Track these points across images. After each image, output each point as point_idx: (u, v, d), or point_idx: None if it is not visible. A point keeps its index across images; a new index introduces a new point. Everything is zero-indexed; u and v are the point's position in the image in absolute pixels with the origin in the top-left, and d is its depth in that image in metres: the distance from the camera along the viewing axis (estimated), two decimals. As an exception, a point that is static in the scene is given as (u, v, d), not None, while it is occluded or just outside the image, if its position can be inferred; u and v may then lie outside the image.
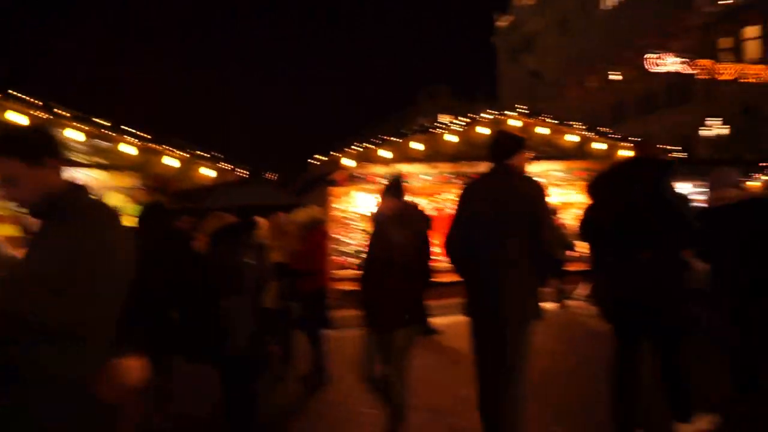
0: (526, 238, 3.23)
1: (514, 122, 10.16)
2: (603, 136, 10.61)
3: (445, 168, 10.93)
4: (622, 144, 10.76)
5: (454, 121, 9.74)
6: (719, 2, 30.08)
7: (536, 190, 3.29)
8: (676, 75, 30.51)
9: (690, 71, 16.16)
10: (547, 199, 3.29)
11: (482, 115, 9.93)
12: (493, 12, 49.21)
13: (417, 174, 10.98)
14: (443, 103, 43.37)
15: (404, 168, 10.59)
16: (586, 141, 10.56)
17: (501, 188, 3.35)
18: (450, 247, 3.53)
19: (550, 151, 10.54)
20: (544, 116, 10.30)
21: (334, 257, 10.59)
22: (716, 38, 30.30)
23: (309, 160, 9.00)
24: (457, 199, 3.58)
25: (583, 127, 10.41)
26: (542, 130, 10.22)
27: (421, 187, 11.43)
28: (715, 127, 21.39)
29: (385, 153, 9.39)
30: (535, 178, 3.32)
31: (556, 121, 10.30)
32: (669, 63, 15.86)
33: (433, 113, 33.68)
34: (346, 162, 9.17)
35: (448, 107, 37.78)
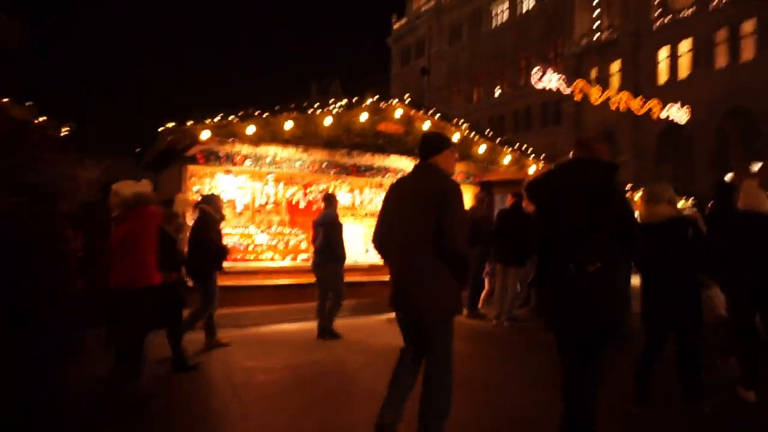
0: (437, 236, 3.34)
1: (398, 111, 9.25)
2: (485, 138, 10.00)
3: (319, 155, 9.79)
4: (503, 149, 10.22)
5: (333, 104, 8.61)
6: (593, 38, 31.89)
7: (446, 188, 3.40)
8: (550, 95, 32.08)
9: (567, 90, 16.37)
10: (458, 198, 3.38)
11: (365, 101, 8.90)
12: (392, 14, 48.79)
13: (288, 159, 9.74)
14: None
15: (273, 150, 9.33)
16: (468, 142, 9.89)
17: (420, 185, 3.52)
18: (376, 243, 3.91)
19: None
20: (430, 111, 9.49)
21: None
22: (588, 68, 32.06)
23: (159, 129, 7.43)
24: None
25: (467, 127, 9.72)
26: (426, 125, 9.39)
27: (291, 174, 10.20)
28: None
29: (251, 129, 8.05)
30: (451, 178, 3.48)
31: (441, 118, 9.52)
32: (551, 80, 15.92)
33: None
34: (205, 135, 7.72)
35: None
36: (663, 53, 29.49)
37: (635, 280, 5.41)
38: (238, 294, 9.09)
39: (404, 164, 10.82)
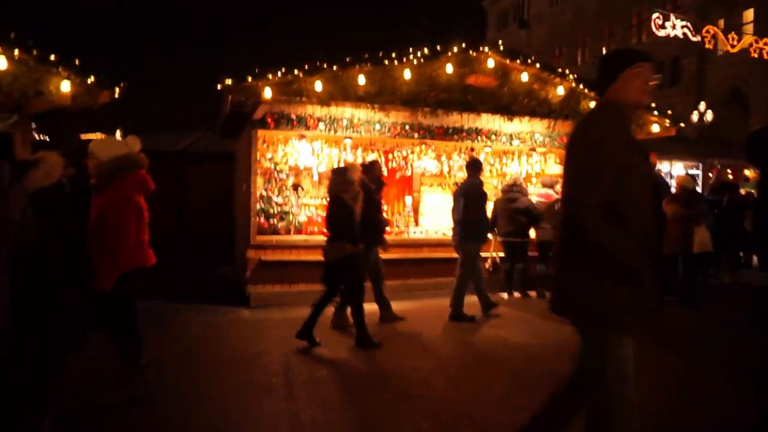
0: None
1: (491, 62, 7.75)
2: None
3: (401, 116, 8.52)
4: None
5: (413, 53, 7.27)
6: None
7: (572, 136, 2.63)
8: (666, 52, 28.46)
9: (696, 38, 13.88)
10: (583, 148, 2.43)
11: (452, 49, 7.47)
12: (488, -24, 45.90)
13: (366, 122, 8.56)
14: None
15: (348, 112, 8.20)
16: (576, 96, 8.21)
17: None
18: None
19: (532, 105, 8.18)
20: (529, 60, 7.88)
21: (259, 219, 8.28)
22: (714, 20, 28.02)
23: (218, 87, 6.49)
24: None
25: (574, 78, 8.02)
26: (524, 77, 7.82)
27: (371, 139, 9.02)
28: (704, 112, 19.27)
29: (319, 85, 6.94)
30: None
31: (543, 67, 7.90)
32: (675, 25, 13.50)
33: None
34: (268, 93, 6.71)
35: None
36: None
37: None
38: (312, 270, 8.15)
39: (499, 125, 9.31)
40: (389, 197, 10.17)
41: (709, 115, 19.26)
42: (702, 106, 19.78)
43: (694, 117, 19.07)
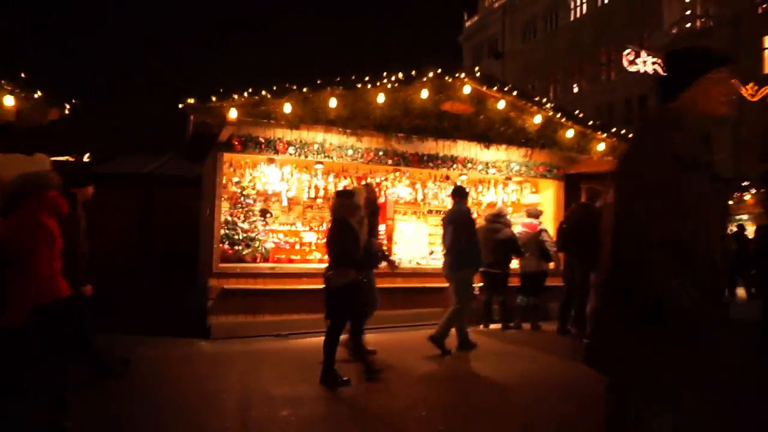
0: None
1: (467, 88, 7.53)
2: (574, 121, 8.07)
3: (374, 142, 8.23)
4: (595, 134, 8.25)
5: (387, 77, 7.01)
6: (685, 26, 28.58)
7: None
8: (633, 90, 29.01)
9: (663, 73, 14.04)
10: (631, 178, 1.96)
11: (427, 74, 7.23)
12: (464, 11, 46.71)
13: (339, 147, 8.23)
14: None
15: (320, 137, 7.88)
16: (554, 125, 8.02)
17: None
18: None
19: (509, 134, 7.95)
20: (506, 87, 7.67)
21: (223, 246, 7.81)
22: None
23: (180, 106, 6.09)
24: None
25: (551, 107, 7.84)
26: (500, 104, 7.61)
27: (343, 165, 8.70)
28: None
29: (288, 108, 6.59)
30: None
31: (520, 95, 7.70)
32: (645, 62, 13.62)
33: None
34: (233, 114, 6.34)
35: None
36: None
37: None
38: (279, 299, 7.71)
39: (474, 152, 9.07)
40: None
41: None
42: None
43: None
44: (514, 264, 8.48)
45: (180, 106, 6.08)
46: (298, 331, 7.68)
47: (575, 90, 36.94)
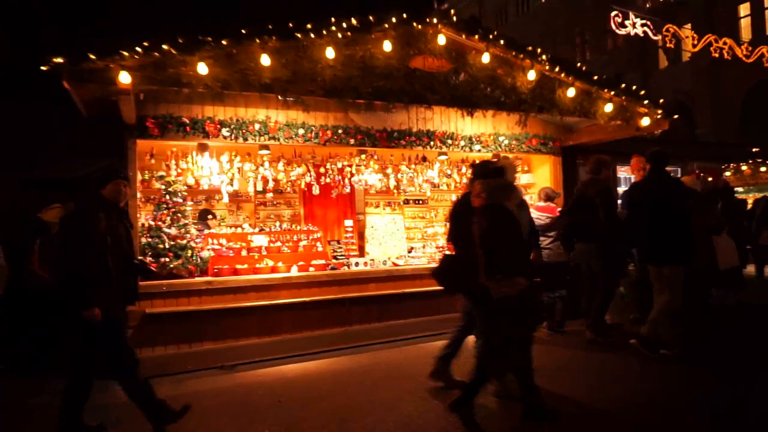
0: None
1: (441, 38, 5.72)
2: (576, 75, 6.29)
3: (330, 118, 6.49)
4: (601, 92, 6.51)
5: (337, 25, 5.18)
6: (659, 1, 27.13)
7: None
8: (609, 67, 27.49)
9: (656, 37, 12.49)
10: None
11: (389, 20, 5.41)
12: (433, -1, 44.92)
13: (287, 125, 6.45)
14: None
15: (262, 114, 6.12)
16: (550, 83, 6.25)
17: None
18: None
19: (496, 95, 6.19)
20: (491, 35, 5.85)
21: (145, 258, 5.95)
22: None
23: (43, 68, 4.22)
24: None
25: (547, 59, 6.06)
26: (485, 58, 5.82)
27: (296, 148, 6.91)
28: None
29: (203, 68, 4.75)
30: None
31: (508, 45, 5.90)
32: (634, 24, 12.04)
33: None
34: (125, 78, 4.48)
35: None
36: (744, 9, 24.56)
37: None
38: (221, 322, 5.89)
39: (455, 125, 7.31)
40: (325, 221, 8.01)
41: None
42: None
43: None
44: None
45: (43, 68, 4.20)
46: (246, 360, 5.88)
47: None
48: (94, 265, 3.60)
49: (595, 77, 6.32)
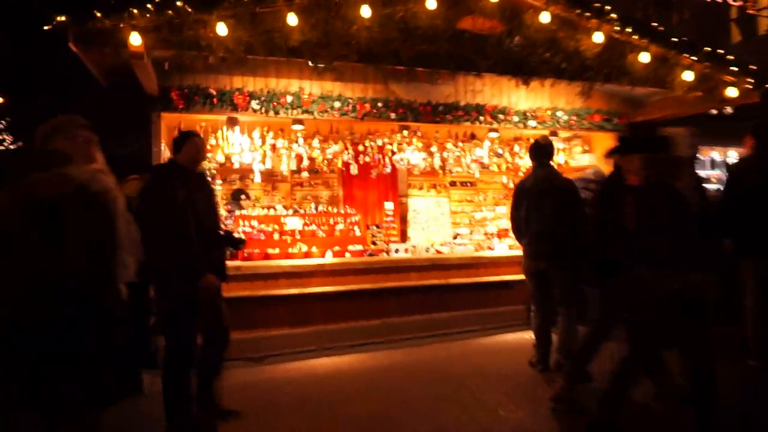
0: None
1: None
2: (650, 39, 5.38)
3: (369, 90, 5.88)
4: (680, 57, 5.59)
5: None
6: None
7: None
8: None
9: (733, 2, 11.17)
10: None
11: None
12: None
13: (321, 98, 5.89)
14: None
15: (295, 85, 5.58)
16: (620, 47, 5.39)
17: None
18: None
19: (556, 61, 5.39)
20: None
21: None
22: None
23: (46, 27, 3.77)
24: None
25: (617, 20, 5.19)
26: (544, 17, 5.02)
27: (331, 123, 6.34)
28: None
29: (223, 28, 4.19)
30: None
31: (571, 3, 5.08)
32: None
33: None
34: (136, 39, 3.98)
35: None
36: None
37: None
38: (249, 309, 5.42)
39: (507, 99, 6.54)
40: (364, 202, 7.42)
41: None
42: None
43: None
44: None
45: (45, 27, 3.75)
46: (275, 352, 5.40)
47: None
48: (179, 240, 3.21)
49: (675, 39, 5.39)
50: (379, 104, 6.01)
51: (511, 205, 4.77)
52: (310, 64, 4.99)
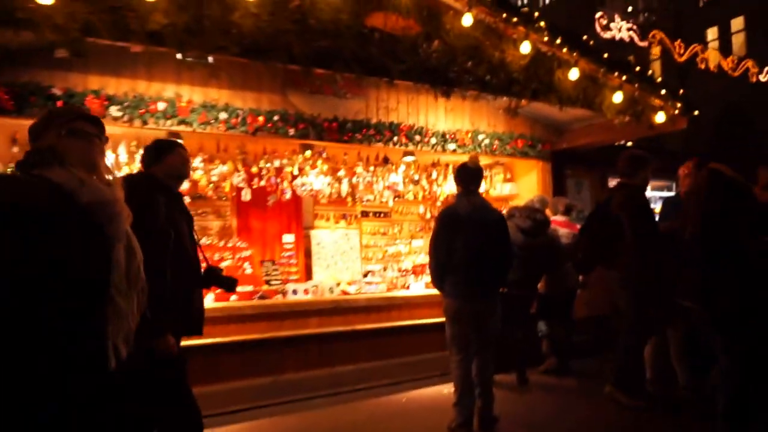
0: None
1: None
2: (581, 53, 4.79)
3: (262, 100, 4.86)
4: (611, 75, 5.04)
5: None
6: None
7: None
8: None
9: (642, 42, 11.40)
10: None
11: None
12: None
13: (204, 107, 4.80)
14: None
15: (169, 89, 4.47)
16: (546, 61, 4.74)
17: None
18: None
19: (480, 73, 4.65)
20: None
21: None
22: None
23: None
24: None
25: (545, 28, 4.55)
26: (466, 20, 4.26)
27: (217, 137, 5.24)
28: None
29: (47, -5, 3.06)
30: None
31: (496, 4, 4.37)
32: (620, 27, 10.92)
33: None
34: None
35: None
36: (711, 33, 24.09)
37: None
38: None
39: (424, 114, 5.76)
40: (257, 235, 6.30)
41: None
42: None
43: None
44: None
45: None
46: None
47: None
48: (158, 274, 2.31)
49: (605, 55, 4.83)
50: (275, 117, 5.00)
51: (435, 237, 3.87)
52: (178, 57, 3.92)
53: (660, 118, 5.34)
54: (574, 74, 4.76)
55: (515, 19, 4.38)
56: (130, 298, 1.64)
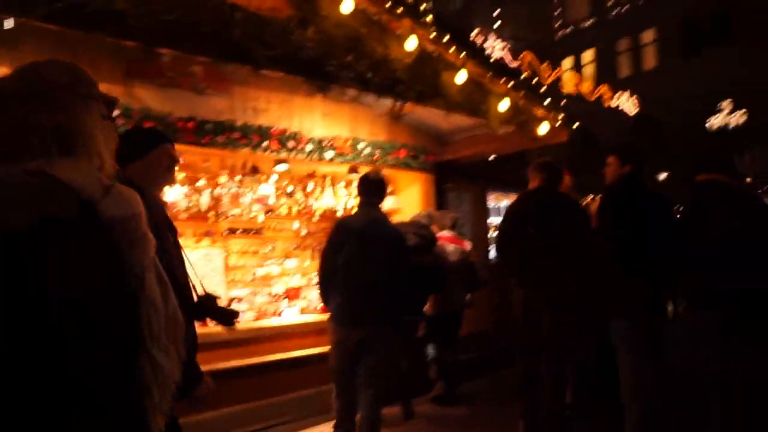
0: None
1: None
2: (469, 52, 4.43)
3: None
4: (498, 81, 4.75)
5: None
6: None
7: None
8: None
9: (514, 63, 11.79)
10: None
11: None
12: None
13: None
14: None
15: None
16: (432, 61, 4.33)
17: None
18: None
19: (361, 69, 4.11)
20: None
21: None
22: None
23: None
24: None
25: (432, 21, 4.12)
26: (346, 6, 3.71)
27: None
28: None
29: None
30: None
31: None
32: (494, 47, 11.19)
33: None
34: None
35: None
36: (567, 64, 26.35)
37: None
38: None
39: (300, 117, 5.09)
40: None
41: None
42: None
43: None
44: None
45: None
46: None
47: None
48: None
49: (492, 59, 4.53)
50: (115, 112, 4.04)
51: (325, 250, 3.35)
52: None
53: (543, 129, 5.17)
54: (461, 76, 4.38)
55: (400, 10, 3.89)
56: (170, 351, 1.21)
